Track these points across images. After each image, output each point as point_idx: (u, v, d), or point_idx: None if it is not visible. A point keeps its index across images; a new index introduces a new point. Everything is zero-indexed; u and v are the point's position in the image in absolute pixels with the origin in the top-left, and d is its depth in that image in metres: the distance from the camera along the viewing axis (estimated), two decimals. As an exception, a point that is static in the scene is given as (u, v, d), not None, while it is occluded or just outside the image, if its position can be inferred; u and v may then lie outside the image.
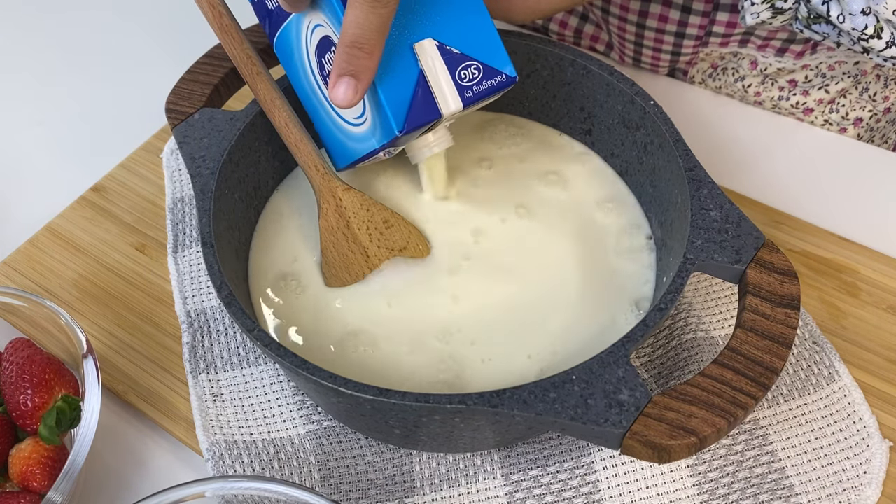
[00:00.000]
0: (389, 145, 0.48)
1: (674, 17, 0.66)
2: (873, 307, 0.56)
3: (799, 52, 0.66)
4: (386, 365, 0.48)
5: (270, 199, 0.57)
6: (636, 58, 0.71)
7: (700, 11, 0.65)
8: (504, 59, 0.48)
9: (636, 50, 0.70)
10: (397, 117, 0.46)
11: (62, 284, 0.59)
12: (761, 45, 0.66)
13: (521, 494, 0.48)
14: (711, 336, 0.53)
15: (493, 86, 0.48)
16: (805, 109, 0.68)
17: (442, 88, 0.47)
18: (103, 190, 0.65)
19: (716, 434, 0.39)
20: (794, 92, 0.67)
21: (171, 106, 0.55)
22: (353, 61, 0.44)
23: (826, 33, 0.54)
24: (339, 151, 0.53)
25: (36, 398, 0.47)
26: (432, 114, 0.47)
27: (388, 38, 0.45)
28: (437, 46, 0.47)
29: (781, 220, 0.60)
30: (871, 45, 0.52)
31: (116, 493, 0.50)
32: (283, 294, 0.52)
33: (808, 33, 0.55)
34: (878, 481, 0.48)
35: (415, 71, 0.46)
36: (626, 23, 0.68)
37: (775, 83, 0.67)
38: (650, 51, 0.69)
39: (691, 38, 0.67)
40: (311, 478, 0.48)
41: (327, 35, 0.48)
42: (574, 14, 0.73)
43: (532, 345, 0.49)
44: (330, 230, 0.52)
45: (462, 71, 0.47)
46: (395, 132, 0.47)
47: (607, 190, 0.56)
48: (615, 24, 0.69)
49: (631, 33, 0.68)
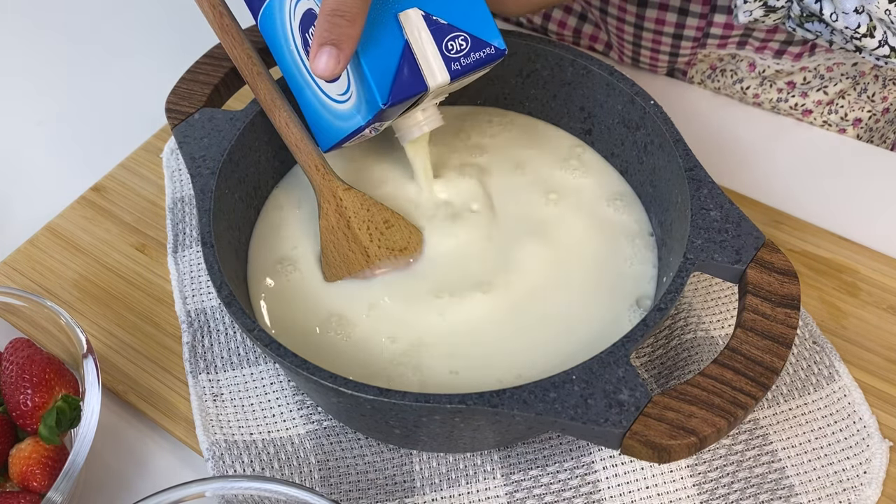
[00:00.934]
0: (375, 120, 0.47)
1: (671, 19, 0.66)
2: (873, 307, 0.56)
3: (797, 53, 0.66)
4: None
5: (270, 195, 0.57)
6: (635, 58, 0.71)
7: (697, 13, 0.65)
8: (493, 31, 0.47)
9: (634, 50, 0.70)
10: (381, 89, 0.45)
11: (62, 284, 0.59)
12: (759, 47, 0.66)
13: (521, 494, 0.48)
14: (711, 336, 0.53)
15: (481, 58, 0.47)
16: (804, 111, 0.68)
17: (428, 60, 0.45)
18: (103, 190, 0.65)
19: (716, 434, 0.39)
20: (793, 94, 0.67)
21: (171, 106, 0.55)
22: (335, 29, 0.42)
23: (818, 32, 0.54)
24: (325, 131, 0.52)
25: (36, 398, 0.47)
26: (418, 86, 0.46)
27: (372, 6, 0.43)
28: (423, 16, 0.45)
29: (781, 220, 0.60)
30: (863, 44, 0.52)
31: (116, 493, 0.50)
32: (278, 278, 0.52)
33: (801, 32, 0.55)
34: (878, 481, 0.48)
35: (400, 42, 0.45)
36: (623, 23, 0.68)
37: (773, 85, 0.68)
38: (648, 51, 0.69)
39: (689, 39, 0.67)
40: (311, 478, 0.48)
41: (311, 8, 0.46)
42: (573, 14, 0.73)
43: (535, 339, 0.49)
44: (330, 230, 0.52)
45: (449, 42, 0.46)
46: (379, 105, 0.45)
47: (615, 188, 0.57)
48: (613, 24, 0.69)
49: (629, 34, 0.68)
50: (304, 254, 0.53)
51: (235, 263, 0.51)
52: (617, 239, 0.54)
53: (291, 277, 0.52)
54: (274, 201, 0.56)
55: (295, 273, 0.52)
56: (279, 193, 0.57)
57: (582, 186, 0.56)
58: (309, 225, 0.55)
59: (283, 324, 0.50)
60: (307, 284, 0.52)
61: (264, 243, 0.54)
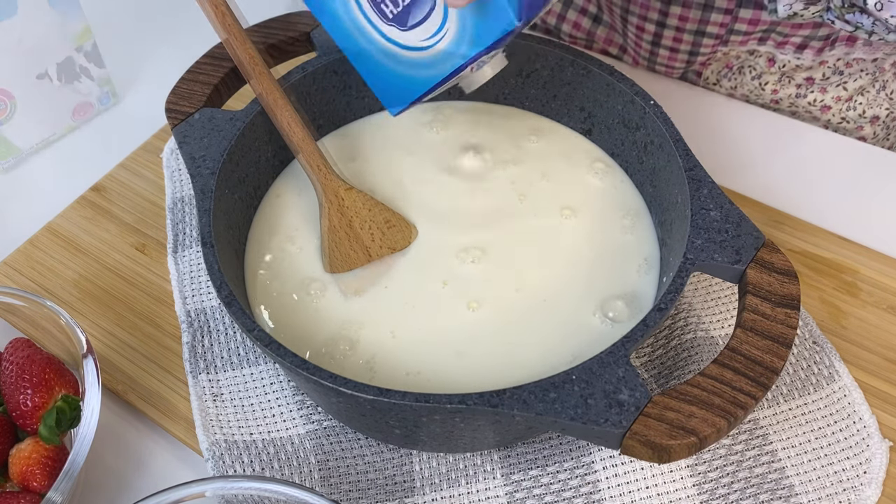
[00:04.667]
0: (492, 48, 0.44)
1: (694, 16, 0.65)
2: (873, 307, 0.56)
3: (818, 48, 0.65)
4: None
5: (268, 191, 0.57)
6: (651, 59, 0.71)
7: (723, 9, 0.64)
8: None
9: (652, 51, 0.69)
10: (513, 5, 0.42)
11: (62, 284, 0.59)
12: (781, 42, 0.66)
13: (521, 494, 0.48)
14: (711, 336, 0.53)
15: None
16: (822, 107, 0.67)
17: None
18: (103, 190, 0.65)
19: (716, 434, 0.39)
20: (812, 89, 0.67)
21: (171, 106, 0.55)
22: None
23: (859, 23, 0.53)
24: (400, 88, 0.49)
25: (36, 398, 0.47)
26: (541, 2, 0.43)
27: None
28: None
29: (781, 220, 0.60)
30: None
31: (116, 493, 0.50)
32: (275, 254, 0.53)
33: (840, 24, 0.54)
34: (878, 481, 0.48)
35: None
36: (645, 21, 0.68)
37: (792, 80, 0.67)
38: (667, 51, 0.69)
39: (711, 36, 0.67)
40: (311, 478, 0.48)
41: None
42: (587, 16, 0.73)
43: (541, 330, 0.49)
44: (332, 230, 0.52)
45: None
46: (513, 22, 0.42)
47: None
48: (634, 22, 0.68)
49: (649, 32, 0.68)
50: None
51: (235, 263, 0.51)
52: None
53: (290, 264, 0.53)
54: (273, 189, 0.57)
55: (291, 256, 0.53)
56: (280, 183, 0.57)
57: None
58: (306, 208, 0.55)
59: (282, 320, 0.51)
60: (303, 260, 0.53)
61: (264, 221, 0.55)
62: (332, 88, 0.58)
